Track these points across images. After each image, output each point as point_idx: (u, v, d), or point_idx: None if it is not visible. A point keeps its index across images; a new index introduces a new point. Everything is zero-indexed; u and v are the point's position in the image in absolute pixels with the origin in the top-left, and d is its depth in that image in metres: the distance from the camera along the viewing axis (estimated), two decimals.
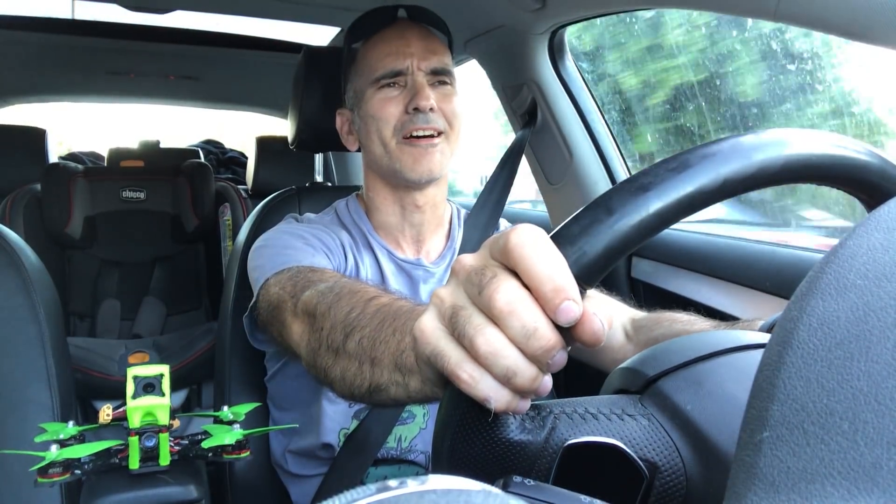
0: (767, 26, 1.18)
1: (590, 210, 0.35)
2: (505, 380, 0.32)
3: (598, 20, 1.29)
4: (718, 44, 1.35)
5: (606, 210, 0.34)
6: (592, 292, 0.38)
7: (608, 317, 0.36)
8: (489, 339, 0.32)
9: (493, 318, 0.32)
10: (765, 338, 0.40)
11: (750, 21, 1.22)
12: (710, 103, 1.38)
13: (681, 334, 0.78)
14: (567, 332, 0.32)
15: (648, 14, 1.44)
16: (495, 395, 0.33)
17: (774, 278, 0.73)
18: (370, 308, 0.59)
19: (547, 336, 0.32)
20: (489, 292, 0.32)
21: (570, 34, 1.33)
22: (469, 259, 0.36)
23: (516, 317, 0.31)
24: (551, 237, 0.35)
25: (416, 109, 0.88)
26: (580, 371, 0.93)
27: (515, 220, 1.13)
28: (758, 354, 0.38)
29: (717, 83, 1.37)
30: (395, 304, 0.58)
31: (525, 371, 0.32)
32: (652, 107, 1.54)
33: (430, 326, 0.35)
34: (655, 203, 0.34)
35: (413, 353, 0.38)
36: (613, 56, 1.56)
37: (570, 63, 1.35)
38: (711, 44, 1.36)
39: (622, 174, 1.36)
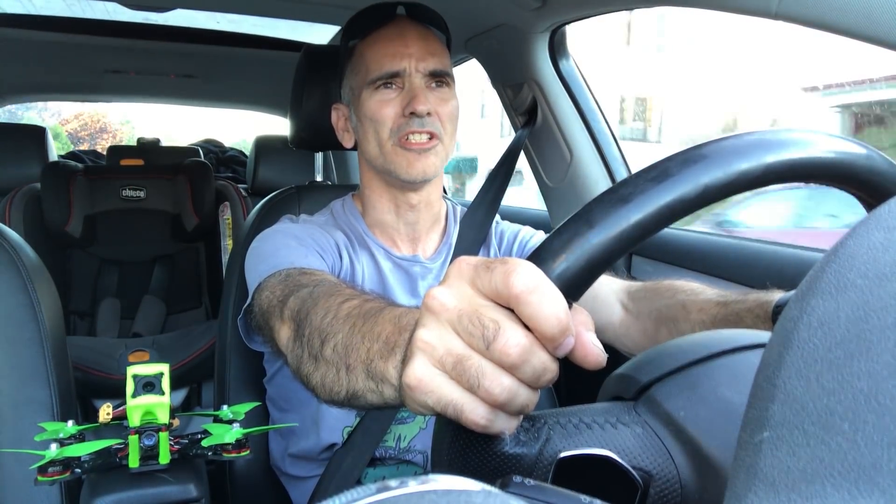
0: None
1: (571, 224, 0.35)
2: (518, 414, 0.35)
3: None
4: None
5: (587, 223, 0.35)
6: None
7: (591, 322, 0.37)
8: (506, 387, 0.33)
9: (505, 368, 0.33)
10: (759, 337, 0.40)
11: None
12: None
13: (685, 305, 0.77)
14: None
15: None
16: (508, 426, 0.35)
17: (775, 278, 0.73)
18: (342, 311, 0.58)
19: (553, 370, 0.34)
20: (500, 347, 0.33)
21: None
22: (450, 298, 0.35)
23: (529, 365, 0.33)
24: (534, 252, 0.35)
25: (413, 113, 0.87)
26: (579, 376, 0.93)
27: (512, 218, 1.13)
28: (753, 356, 0.38)
29: None
30: (364, 307, 0.56)
31: (533, 400, 0.35)
32: None
33: (426, 374, 0.35)
34: (636, 214, 0.35)
35: (405, 400, 0.38)
36: None
37: (570, 62, 1.35)
38: None
39: (622, 174, 1.36)
